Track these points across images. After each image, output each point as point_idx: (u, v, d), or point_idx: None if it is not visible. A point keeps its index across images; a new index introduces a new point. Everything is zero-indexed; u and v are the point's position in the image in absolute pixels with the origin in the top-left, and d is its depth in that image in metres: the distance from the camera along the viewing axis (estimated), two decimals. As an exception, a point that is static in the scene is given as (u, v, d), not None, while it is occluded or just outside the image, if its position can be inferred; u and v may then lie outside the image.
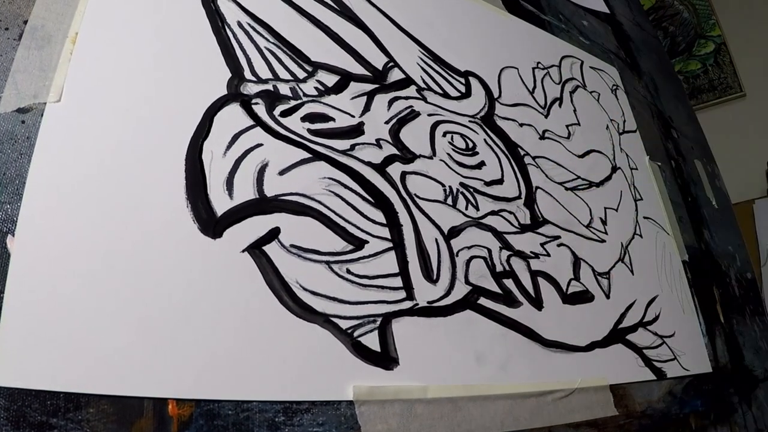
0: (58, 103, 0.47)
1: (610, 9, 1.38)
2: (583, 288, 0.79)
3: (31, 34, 0.48)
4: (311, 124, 0.61)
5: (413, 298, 0.59)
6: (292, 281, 0.52)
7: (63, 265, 0.42)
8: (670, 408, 0.83)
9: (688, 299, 0.99)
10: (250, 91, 0.58)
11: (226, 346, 0.46)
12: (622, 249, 0.92)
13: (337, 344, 0.52)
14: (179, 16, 0.58)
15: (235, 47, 0.60)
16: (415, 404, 0.55)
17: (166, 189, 0.49)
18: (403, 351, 0.56)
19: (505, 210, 0.76)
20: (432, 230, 0.65)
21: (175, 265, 0.47)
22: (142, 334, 0.43)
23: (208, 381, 0.45)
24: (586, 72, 1.11)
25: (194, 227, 0.49)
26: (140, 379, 0.42)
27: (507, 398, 0.62)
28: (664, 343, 0.87)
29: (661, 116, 1.29)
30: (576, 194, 0.90)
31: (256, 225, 0.52)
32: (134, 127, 0.50)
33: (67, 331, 0.40)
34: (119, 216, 0.46)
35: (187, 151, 0.51)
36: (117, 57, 0.51)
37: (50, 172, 0.44)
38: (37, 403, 0.38)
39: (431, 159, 0.70)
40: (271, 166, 0.56)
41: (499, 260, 0.70)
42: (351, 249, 0.57)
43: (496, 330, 0.65)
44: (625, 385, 0.77)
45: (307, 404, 0.49)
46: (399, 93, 0.72)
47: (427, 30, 0.82)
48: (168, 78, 0.54)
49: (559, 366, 0.70)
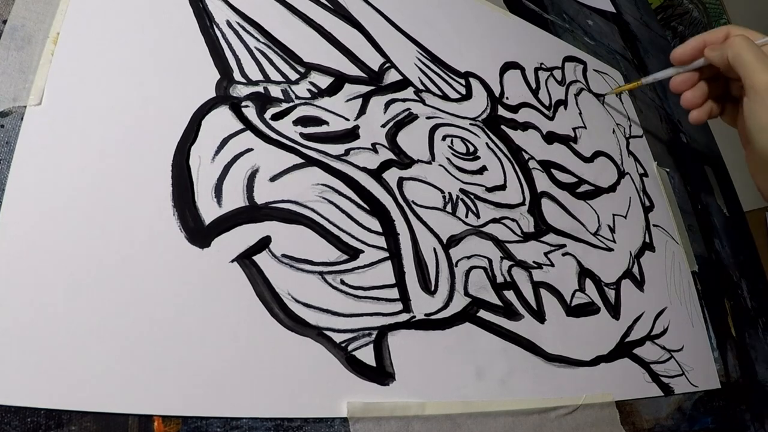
0: (39, 107, 0.47)
1: (616, 8, 1.40)
2: (588, 300, 0.80)
3: (10, 35, 0.49)
4: (304, 127, 0.62)
5: (410, 311, 0.60)
6: (284, 293, 0.52)
7: (43, 276, 0.42)
8: (679, 425, 0.84)
9: (697, 312, 0.99)
10: (240, 93, 0.59)
11: (214, 360, 0.47)
12: (631, 258, 0.92)
13: (330, 358, 0.53)
14: (165, 15, 0.58)
15: (224, 47, 0.60)
16: (412, 421, 0.55)
17: (151, 196, 0.49)
18: (399, 365, 0.57)
19: (508, 217, 0.76)
20: (430, 239, 0.65)
21: (161, 275, 0.47)
22: (127, 347, 0.43)
23: (196, 397, 0.45)
24: (589, 75, 1.12)
25: (181, 236, 0.49)
26: (124, 394, 0.42)
27: (508, 415, 0.63)
28: (672, 357, 0.87)
29: (670, 120, 1.30)
30: (583, 200, 0.90)
31: (245, 234, 0.52)
32: (118, 131, 0.50)
33: (49, 344, 0.40)
34: (103, 225, 0.46)
35: (173, 157, 0.52)
36: (100, 58, 0.52)
37: (30, 178, 0.44)
38: (17, 421, 0.38)
39: (430, 164, 0.71)
40: (261, 172, 0.56)
41: (500, 271, 0.71)
42: (345, 259, 0.58)
43: (496, 344, 0.66)
44: (632, 402, 0.78)
45: (299, 421, 0.49)
46: (396, 95, 0.73)
47: (426, 29, 0.83)
48: (153, 80, 0.54)
49: (563, 381, 0.70)
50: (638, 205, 1.02)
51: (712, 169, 1.35)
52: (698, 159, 1.32)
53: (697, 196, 1.22)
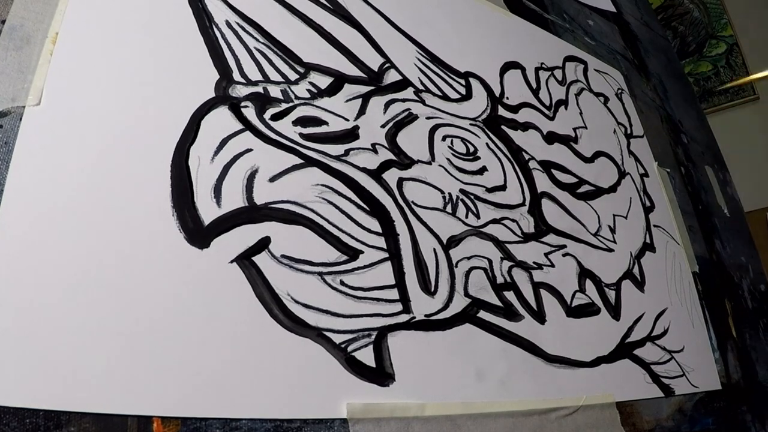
0: (38, 107, 0.47)
1: (617, 8, 1.40)
2: (588, 300, 0.80)
3: (9, 35, 0.49)
4: (303, 128, 0.62)
5: (410, 311, 0.60)
6: (283, 293, 0.52)
7: (43, 276, 0.42)
8: (680, 426, 0.84)
9: (698, 312, 0.99)
10: (240, 93, 0.59)
11: (213, 361, 0.47)
12: (631, 259, 0.92)
13: (330, 359, 0.53)
14: (164, 15, 0.58)
15: (224, 47, 0.60)
16: (411, 422, 0.55)
17: (151, 196, 0.49)
18: (399, 366, 0.57)
19: (508, 218, 0.76)
20: (430, 240, 0.65)
21: (161, 276, 0.47)
22: (126, 348, 0.43)
23: (195, 398, 0.45)
24: (590, 75, 1.12)
25: (180, 237, 0.49)
26: (124, 395, 0.42)
27: (508, 416, 0.63)
28: (672, 358, 0.87)
29: (670, 120, 1.30)
30: (583, 201, 0.90)
31: (245, 234, 0.53)
32: (117, 131, 0.50)
33: (48, 345, 0.40)
34: (102, 225, 0.46)
35: (173, 157, 0.52)
36: (99, 58, 0.52)
37: (29, 179, 0.44)
38: (16, 422, 0.38)
39: (430, 164, 0.71)
40: (261, 173, 0.56)
41: (500, 271, 0.71)
42: (345, 260, 0.58)
43: (496, 344, 0.66)
44: (633, 403, 0.78)
45: (298, 422, 0.49)
46: (396, 95, 0.73)
47: (426, 29, 0.83)
48: (153, 80, 0.54)
49: (563, 382, 0.70)
50: (639, 206, 1.02)
51: (712, 170, 1.35)
52: (699, 159, 1.32)
53: (697, 197, 1.22)
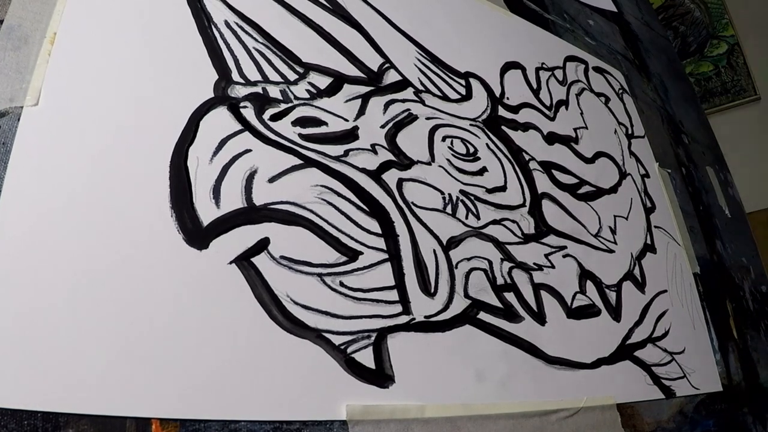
0: (36, 107, 0.47)
1: (617, 7, 1.40)
2: (589, 302, 0.80)
3: (7, 35, 0.49)
4: (303, 128, 0.62)
5: (410, 313, 0.60)
6: (283, 294, 0.52)
7: (41, 278, 0.42)
8: (681, 428, 0.84)
9: (699, 314, 0.99)
10: (238, 93, 0.59)
11: (212, 362, 0.47)
12: (632, 260, 0.92)
13: (329, 361, 0.53)
14: (163, 15, 0.58)
15: (222, 48, 0.60)
16: (411, 424, 0.55)
17: (149, 197, 0.49)
18: (399, 368, 0.57)
19: (508, 219, 0.76)
20: (430, 241, 0.65)
21: (159, 277, 0.47)
22: (125, 350, 0.43)
23: (194, 399, 0.45)
24: (591, 75, 1.12)
25: (179, 238, 0.49)
26: (122, 397, 0.42)
27: (508, 418, 0.63)
28: (673, 360, 0.87)
29: (671, 120, 1.30)
30: (584, 201, 0.90)
31: (244, 235, 0.52)
32: (116, 132, 0.50)
33: (46, 347, 0.40)
34: (100, 226, 0.46)
35: (171, 158, 0.52)
36: (97, 58, 0.52)
37: (27, 179, 0.44)
38: (14, 423, 0.38)
39: (430, 165, 0.71)
40: (260, 173, 0.56)
41: (501, 272, 0.71)
42: (344, 261, 0.58)
43: (496, 346, 0.66)
44: (634, 404, 0.78)
45: (298, 424, 0.49)
46: (395, 95, 0.73)
47: (425, 29, 0.83)
48: (151, 80, 0.54)
49: (564, 384, 0.70)
50: (639, 206, 1.02)
51: (713, 170, 1.35)
52: (700, 160, 1.32)
53: (698, 197, 1.22)
